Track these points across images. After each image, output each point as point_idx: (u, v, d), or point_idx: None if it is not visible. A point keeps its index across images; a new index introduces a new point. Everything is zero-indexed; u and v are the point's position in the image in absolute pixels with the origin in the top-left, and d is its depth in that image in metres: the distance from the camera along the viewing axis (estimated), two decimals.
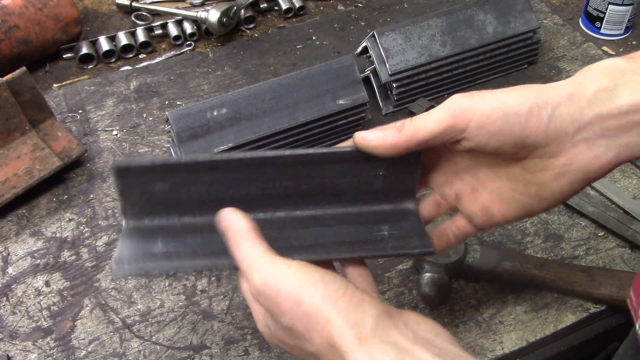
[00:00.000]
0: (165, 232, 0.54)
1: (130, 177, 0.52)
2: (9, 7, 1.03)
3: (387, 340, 0.41)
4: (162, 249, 0.53)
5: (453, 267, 0.75)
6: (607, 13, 1.10)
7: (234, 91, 0.86)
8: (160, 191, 0.53)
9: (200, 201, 0.54)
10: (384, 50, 0.95)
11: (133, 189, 0.53)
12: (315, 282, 0.43)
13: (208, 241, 0.53)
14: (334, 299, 0.42)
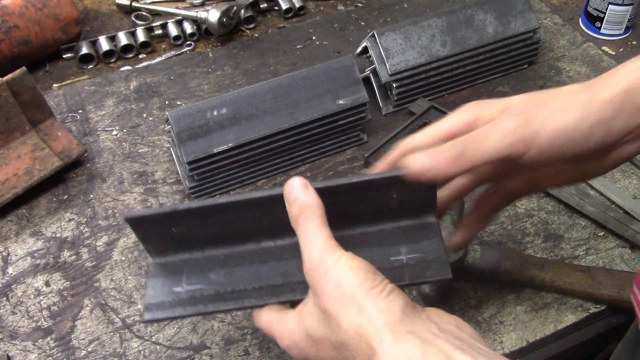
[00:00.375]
0: (189, 267, 0.57)
1: (144, 225, 0.55)
2: (9, 7, 1.03)
3: (412, 330, 0.43)
4: (185, 287, 0.56)
5: (453, 267, 0.75)
6: (607, 13, 1.10)
7: (234, 91, 0.86)
8: (177, 232, 0.56)
9: (221, 235, 0.57)
10: (384, 50, 0.95)
11: (151, 234, 0.56)
12: (356, 270, 0.46)
13: (229, 278, 0.56)
14: (368, 286, 0.45)
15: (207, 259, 0.57)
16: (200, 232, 0.57)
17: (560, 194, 0.86)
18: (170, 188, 0.91)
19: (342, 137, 0.93)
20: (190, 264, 0.57)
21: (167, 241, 0.57)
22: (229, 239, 0.57)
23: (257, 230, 0.57)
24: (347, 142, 0.94)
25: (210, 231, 0.56)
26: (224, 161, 0.86)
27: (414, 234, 0.57)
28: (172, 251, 0.58)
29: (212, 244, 0.57)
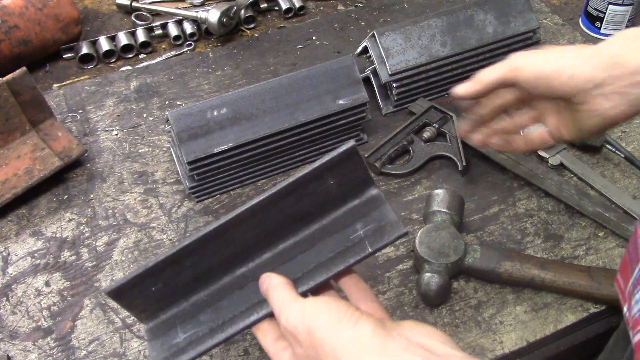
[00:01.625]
0: (180, 318, 0.61)
1: (126, 294, 0.59)
2: (9, 7, 1.03)
3: (383, 352, 0.47)
4: (183, 338, 0.60)
5: (453, 267, 0.75)
6: (607, 13, 1.10)
7: (234, 91, 0.86)
8: (157, 290, 0.60)
9: (197, 277, 0.61)
10: (384, 50, 0.95)
11: (134, 300, 0.60)
12: (320, 312, 0.50)
13: (217, 312, 0.60)
14: (335, 322, 0.49)
15: (192, 305, 0.61)
16: (177, 282, 0.60)
17: (560, 194, 0.86)
18: (170, 188, 0.91)
19: (342, 137, 0.93)
20: (179, 315, 0.61)
21: (151, 302, 0.61)
22: (206, 278, 0.61)
23: (227, 262, 0.61)
24: None
25: (186, 278, 0.60)
26: (224, 161, 0.86)
27: (363, 209, 0.61)
28: (159, 311, 0.62)
29: (192, 290, 0.61)
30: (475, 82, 0.71)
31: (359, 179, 0.60)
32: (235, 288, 0.61)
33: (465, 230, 0.83)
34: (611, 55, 0.61)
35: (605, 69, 0.61)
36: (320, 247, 0.60)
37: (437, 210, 0.79)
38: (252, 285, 0.60)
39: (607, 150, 0.92)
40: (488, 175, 0.91)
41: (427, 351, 0.47)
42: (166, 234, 0.85)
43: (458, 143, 0.91)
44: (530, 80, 0.66)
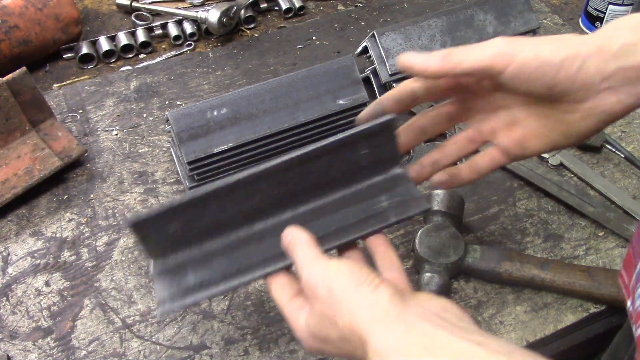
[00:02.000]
0: (192, 263, 0.60)
1: (145, 228, 0.58)
2: (9, 7, 1.03)
3: (398, 317, 0.47)
4: (193, 279, 0.59)
5: (453, 267, 0.75)
6: (607, 13, 1.10)
7: (234, 91, 0.86)
8: (175, 230, 0.58)
9: (214, 226, 0.60)
10: (384, 50, 0.95)
11: (151, 236, 0.58)
12: (342, 272, 0.51)
13: (232, 261, 0.59)
14: (355, 285, 0.50)
15: (205, 252, 0.60)
16: (196, 226, 0.59)
17: (560, 194, 0.86)
18: (170, 188, 0.91)
19: None
20: (191, 259, 0.60)
21: (166, 241, 0.59)
22: (223, 229, 0.60)
23: (247, 215, 0.60)
24: None
25: (205, 223, 0.59)
26: (224, 161, 0.86)
27: (387, 185, 0.63)
28: (171, 251, 0.60)
29: (208, 238, 0.60)
30: (446, 60, 0.55)
31: (388, 154, 0.62)
32: (252, 242, 0.61)
33: (465, 230, 0.83)
34: (620, 44, 0.52)
35: (615, 59, 0.53)
36: (343, 214, 0.61)
37: (437, 210, 0.79)
38: (269, 241, 0.60)
39: (607, 150, 0.92)
40: (488, 175, 0.91)
41: (441, 320, 0.47)
42: None
43: None
44: (525, 72, 0.53)
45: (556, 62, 0.53)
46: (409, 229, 0.84)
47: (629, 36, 0.53)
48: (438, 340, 0.45)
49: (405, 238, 0.83)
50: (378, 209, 0.61)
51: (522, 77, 0.54)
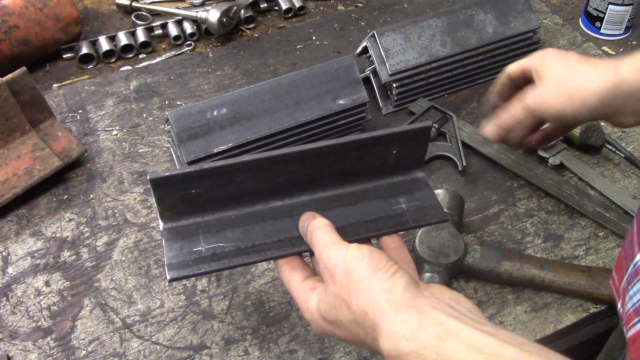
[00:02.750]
0: (204, 229, 0.59)
1: (166, 187, 0.57)
2: (9, 7, 1.03)
3: (412, 304, 0.49)
4: (205, 246, 0.58)
5: (453, 267, 0.75)
6: (607, 13, 1.10)
7: (234, 91, 0.86)
8: (195, 194, 0.58)
9: (232, 197, 0.60)
10: (384, 50, 0.95)
11: (169, 196, 0.58)
12: (362, 257, 0.52)
13: (246, 234, 0.59)
14: (373, 270, 0.51)
15: (219, 220, 0.60)
16: (215, 194, 0.58)
17: (560, 194, 0.86)
18: None
19: None
20: (204, 225, 0.59)
21: (182, 204, 0.58)
22: (240, 200, 0.60)
23: (267, 191, 0.60)
24: None
25: (225, 192, 0.59)
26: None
27: (407, 187, 0.64)
28: (185, 215, 0.59)
29: (224, 207, 0.60)
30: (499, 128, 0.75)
31: (414, 158, 0.64)
32: (269, 218, 0.61)
33: (465, 230, 0.83)
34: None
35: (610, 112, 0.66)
36: (362, 207, 0.62)
37: None
38: (285, 220, 0.60)
39: (607, 150, 0.92)
40: (488, 175, 0.91)
41: (454, 310, 0.49)
42: None
43: (458, 143, 0.91)
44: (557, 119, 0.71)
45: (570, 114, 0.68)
46: None
47: None
48: (450, 329, 0.46)
49: (405, 238, 0.83)
50: (396, 209, 0.62)
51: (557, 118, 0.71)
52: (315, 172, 0.61)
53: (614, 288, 0.60)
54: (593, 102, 0.65)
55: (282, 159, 0.58)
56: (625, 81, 0.63)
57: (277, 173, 0.59)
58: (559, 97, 0.68)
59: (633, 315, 0.53)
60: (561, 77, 0.68)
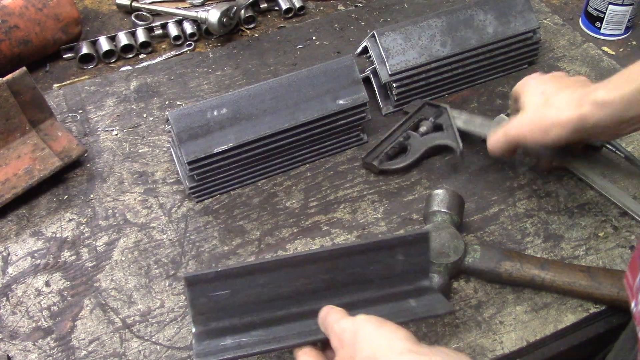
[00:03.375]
0: (231, 332, 0.65)
1: (197, 286, 0.64)
2: (9, 7, 1.03)
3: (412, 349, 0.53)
4: (231, 342, 0.64)
5: (453, 267, 0.75)
6: (607, 13, 1.10)
7: (234, 91, 0.86)
8: (223, 297, 0.65)
9: (257, 302, 0.66)
10: (384, 50, 0.95)
11: (200, 297, 0.65)
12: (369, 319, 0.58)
13: (270, 332, 0.65)
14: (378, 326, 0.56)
15: (245, 324, 0.66)
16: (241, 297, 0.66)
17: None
18: (170, 188, 0.91)
19: (342, 137, 0.93)
20: (230, 328, 0.66)
21: (212, 308, 0.65)
22: (263, 307, 0.67)
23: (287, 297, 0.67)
24: (347, 142, 0.94)
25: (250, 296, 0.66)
26: (224, 161, 0.86)
27: (415, 293, 0.69)
28: (214, 320, 0.66)
29: (249, 312, 0.66)
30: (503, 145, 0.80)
31: (419, 266, 0.70)
32: (291, 321, 0.67)
33: (465, 230, 0.83)
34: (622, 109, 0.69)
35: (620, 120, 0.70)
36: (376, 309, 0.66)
37: (437, 210, 0.79)
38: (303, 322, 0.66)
39: (607, 150, 0.92)
40: (488, 175, 0.91)
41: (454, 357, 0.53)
42: (166, 234, 0.85)
43: (454, 129, 0.91)
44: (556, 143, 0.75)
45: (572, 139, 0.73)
46: (409, 229, 0.84)
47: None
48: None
49: None
50: (407, 308, 0.67)
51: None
52: (329, 278, 0.67)
53: (628, 287, 0.61)
54: (564, 134, 0.72)
55: (295, 261, 0.66)
56: (585, 118, 0.69)
57: (294, 277, 0.66)
58: (536, 131, 0.74)
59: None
60: (537, 110, 0.75)
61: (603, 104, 0.68)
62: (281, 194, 0.89)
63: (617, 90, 0.68)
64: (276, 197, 0.89)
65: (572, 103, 0.71)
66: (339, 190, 0.90)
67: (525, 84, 0.80)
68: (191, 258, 0.82)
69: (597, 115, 0.69)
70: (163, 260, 0.82)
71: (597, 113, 0.69)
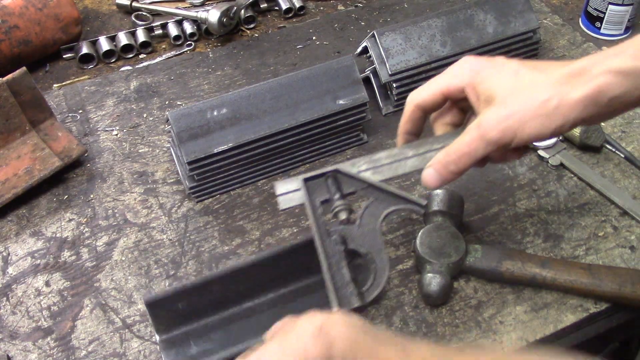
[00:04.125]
0: (193, 335, 0.71)
1: (157, 305, 0.69)
2: (9, 7, 1.03)
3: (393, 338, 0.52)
4: (196, 350, 0.70)
5: (454, 266, 0.75)
6: (607, 13, 1.10)
7: (234, 91, 0.86)
8: (182, 308, 0.70)
9: (212, 305, 0.72)
10: (384, 50, 0.95)
11: (161, 313, 0.69)
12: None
13: (228, 333, 0.71)
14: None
15: (204, 325, 0.72)
16: (199, 304, 0.70)
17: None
18: (170, 188, 0.91)
19: (342, 137, 0.93)
20: (192, 332, 0.71)
21: (173, 318, 0.70)
22: (218, 307, 0.72)
23: (239, 296, 0.72)
24: (347, 142, 0.94)
25: (206, 302, 0.71)
26: (224, 161, 0.86)
27: None
28: (175, 326, 0.71)
29: (206, 314, 0.72)
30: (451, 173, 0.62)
31: None
32: (243, 317, 0.72)
33: (465, 231, 0.83)
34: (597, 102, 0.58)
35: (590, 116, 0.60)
36: (319, 296, 0.70)
37: (437, 211, 0.79)
38: (257, 317, 0.72)
39: (607, 150, 0.92)
40: (488, 175, 0.91)
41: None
42: (166, 234, 0.85)
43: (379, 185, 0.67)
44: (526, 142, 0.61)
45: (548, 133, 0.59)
46: (409, 229, 0.84)
47: None
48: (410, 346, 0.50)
49: (405, 238, 0.83)
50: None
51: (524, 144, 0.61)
52: (273, 275, 0.72)
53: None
54: (573, 116, 0.57)
55: (245, 268, 0.70)
56: (603, 91, 0.57)
57: (244, 279, 0.71)
58: (531, 121, 0.58)
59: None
60: (523, 95, 0.59)
61: (627, 72, 0.56)
62: None
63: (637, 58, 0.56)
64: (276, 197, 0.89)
65: (573, 77, 0.58)
66: None
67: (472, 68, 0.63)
68: (191, 258, 0.82)
69: (619, 86, 0.56)
70: (163, 260, 0.82)
71: (618, 83, 0.56)
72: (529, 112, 0.58)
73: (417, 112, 0.67)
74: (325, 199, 0.66)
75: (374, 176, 0.65)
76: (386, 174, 0.66)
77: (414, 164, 0.66)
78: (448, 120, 0.69)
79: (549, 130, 0.58)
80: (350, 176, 0.65)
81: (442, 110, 0.69)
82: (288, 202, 0.66)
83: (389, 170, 0.66)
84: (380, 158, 0.66)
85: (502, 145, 0.59)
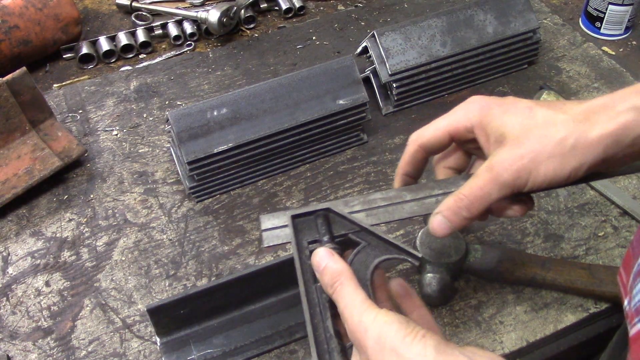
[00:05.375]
0: (193, 339, 0.71)
1: (159, 312, 0.69)
2: (9, 7, 1.03)
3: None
4: (197, 354, 0.71)
5: (455, 266, 0.75)
6: (607, 13, 1.10)
7: (234, 91, 0.86)
8: (184, 313, 0.70)
9: (213, 310, 0.72)
10: (384, 50, 0.95)
11: (163, 318, 0.69)
12: (391, 323, 0.50)
13: (228, 339, 0.72)
14: (403, 335, 0.49)
15: (205, 329, 0.72)
16: (200, 309, 0.70)
17: None
18: (170, 188, 0.91)
19: (342, 137, 0.93)
20: (193, 336, 0.72)
21: (174, 323, 0.70)
22: (219, 311, 0.72)
23: (240, 300, 0.73)
24: (347, 142, 0.94)
25: (207, 307, 0.71)
26: (224, 161, 0.86)
27: None
28: (176, 330, 0.71)
29: (207, 318, 0.72)
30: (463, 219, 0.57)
31: None
32: (244, 322, 0.73)
33: (465, 231, 0.83)
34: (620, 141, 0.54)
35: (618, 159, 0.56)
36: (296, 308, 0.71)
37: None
38: (258, 322, 0.73)
39: None
40: None
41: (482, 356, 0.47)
42: (166, 234, 0.85)
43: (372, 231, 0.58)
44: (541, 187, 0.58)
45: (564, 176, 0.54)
46: (409, 229, 0.84)
47: None
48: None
49: (405, 238, 0.83)
50: None
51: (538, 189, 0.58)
52: (274, 282, 0.73)
53: (621, 285, 0.59)
54: (591, 157, 0.53)
55: (247, 277, 0.70)
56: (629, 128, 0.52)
57: (246, 286, 0.71)
58: (550, 158, 0.54)
59: (634, 314, 0.53)
60: (536, 133, 0.54)
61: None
62: (281, 194, 0.89)
63: None
64: (276, 197, 0.89)
65: (594, 114, 0.53)
66: (339, 190, 0.90)
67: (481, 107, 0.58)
68: (191, 258, 0.82)
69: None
70: (163, 260, 0.82)
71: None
72: (544, 151, 0.53)
73: (420, 153, 0.63)
74: (313, 239, 0.57)
75: (367, 219, 0.60)
76: (381, 217, 0.61)
77: (412, 209, 0.61)
78: (451, 163, 0.65)
79: (565, 172, 0.54)
80: (342, 216, 0.58)
81: (446, 153, 0.65)
82: (273, 239, 0.59)
83: (384, 214, 0.61)
84: (375, 199, 0.61)
85: (517, 188, 0.56)
